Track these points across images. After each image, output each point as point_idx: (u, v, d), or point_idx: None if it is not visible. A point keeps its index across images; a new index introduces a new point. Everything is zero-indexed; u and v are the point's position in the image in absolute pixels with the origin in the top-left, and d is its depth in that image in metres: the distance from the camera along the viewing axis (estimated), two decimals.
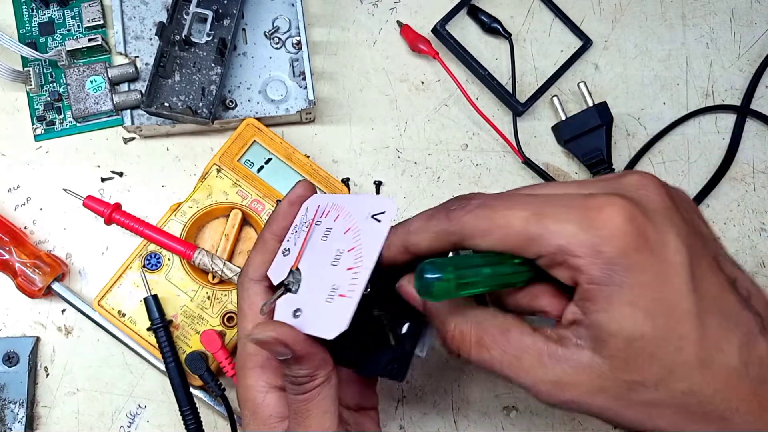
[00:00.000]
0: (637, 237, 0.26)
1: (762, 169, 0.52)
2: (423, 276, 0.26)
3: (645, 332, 0.26)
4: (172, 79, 0.46)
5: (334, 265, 0.31)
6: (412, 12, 0.53)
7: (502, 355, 0.29)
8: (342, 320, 0.29)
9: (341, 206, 0.33)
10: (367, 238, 0.31)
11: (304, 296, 0.32)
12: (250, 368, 0.34)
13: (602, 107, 0.50)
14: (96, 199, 0.46)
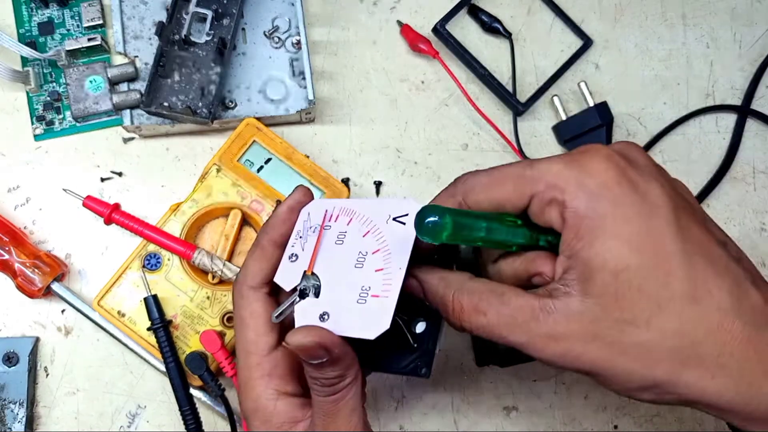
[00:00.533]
0: (620, 174, 0.28)
1: (762, 169, 0.52)
2: (423, 217, 0.27)
3: (630, 264, 0.27)
4: (171, 78, 0.46)
5: (359, 267, 0.32)
6: (412, 12, 0.53)
7: (498, 317, 0.29)
8: (383, 320, 0.30)
9: (352, 210, 0.34)
10: (393, 239, 0.32)
11: (329, 299, 0.32)
12: (257, 378, 0.33)
13: (602, 107, 0.50)
14: (96, 199, 0.46)
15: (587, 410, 0.48)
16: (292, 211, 0.35)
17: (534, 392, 0.48)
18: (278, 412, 0.33)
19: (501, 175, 0.30)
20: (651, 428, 0.48)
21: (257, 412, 0.33)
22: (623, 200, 0.28)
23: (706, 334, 0.27)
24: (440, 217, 0.27)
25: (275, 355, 0.34)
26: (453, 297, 0.30)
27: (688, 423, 0.48)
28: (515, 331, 0.29)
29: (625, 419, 0.48)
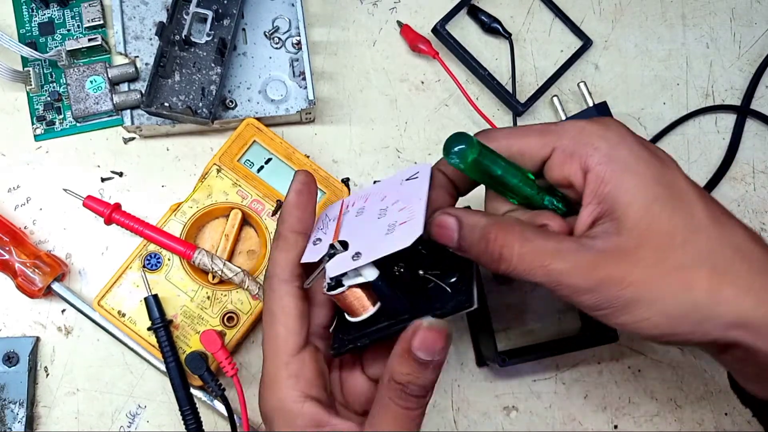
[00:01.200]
0: (633, 134, 0.31)
1: (762, 169, 0.52)
2: (453, 141, 0.30)
3: (658, 195, 0.30)
4: (172, 79, 0.46)
5: (382, 217, 0.33)
6: (412, 12, 0.53)
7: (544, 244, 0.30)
8: (416, 227, 0.30)
9: (367, 192, 0.36)
10: (411, 189, 0.33)
11: (358, 244, 0.32)
12: (284, 378, 0.33)
13: (602, 107, 0.50)
14: (96, 199, 0.46)
15: (587, 410, 0.48)
16: (300, 194, 0.35)
17: (534, 392, 0.48)
18: (304, 413, 0.32)
19: (525, 128, 0.33)
20: (651, 428, 0.48)
21: (281, 412, 0.33)
22: (639, 149, 0.31)
23: (734, 252, 0.30)
24: (468, 143, 0.30)
25: (303, 356, 0.33)
26: (496, 226, 0.31)
27: (688, 423, 0.48)
28: (558, 258, 0.30)
29: (625, 419, 0.48)
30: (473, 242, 0.31)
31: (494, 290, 0.49)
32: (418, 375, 0.30)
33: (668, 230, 0.29)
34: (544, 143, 0.32)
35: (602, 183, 0.30)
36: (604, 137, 0.31)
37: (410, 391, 0.30)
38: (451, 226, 0.32)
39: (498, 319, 0.48)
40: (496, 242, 0.30)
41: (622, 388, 0.49)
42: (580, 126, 0.31)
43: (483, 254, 0.31)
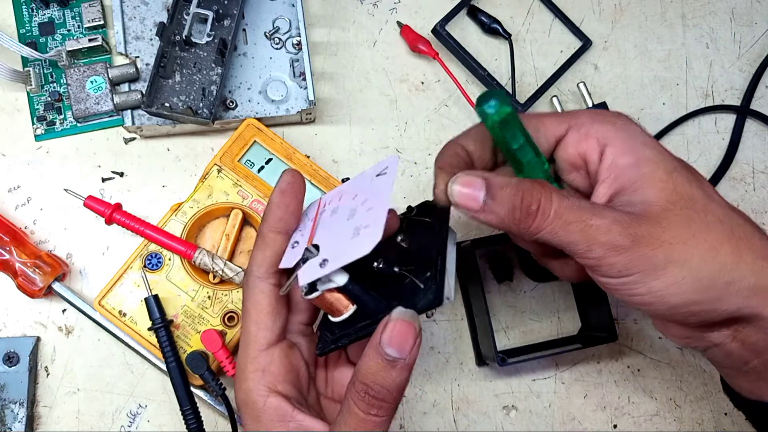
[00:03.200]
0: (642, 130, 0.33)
1: (762, 169, 0.52)
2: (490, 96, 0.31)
3: (676, 165, 0.32)
4: (172, 79, 0.46)
5: (350, 218, 0.33)
6: (412, 12, 0.53)
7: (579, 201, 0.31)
8: (375, 234, 0.29)
9: (343, 190, 0.36)
10: (378, 184, 0.33)
11: (326, 250, 0.33)
12: (251, 371, 0.33)
13: (602, 107, 0.50)
14: (97, 199, 0.46)
15: (587, 410, 0.48)
16: (283, 194, 0.34)
17: (533, 391, 0.48)
18: (267, 409, 0.32)
19: (539, 115, 0.34)
20: (650, 428, 0.48)
21: (247, 406, 0.33)
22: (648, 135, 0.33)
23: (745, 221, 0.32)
24: (502, 105, 0.30)
25: (273, 351, 0.34)
26: (531, 182, 0.31)
27: (688, 423, 0.48)
28: (597, 214, 0.30)
29: (625, 419, 0.48)
30: (504, 199, 0.30)
31: (494, 290, 0.49)
32: (384, 374, 0.29)
33: (690, 196, 0.31)
34: (559, 122, 0.33)
35: (621, 156, 0.31)
36: (618, 117, 0.33)
37: (374, 393, 0.29)
38: (476, 184, 0.31)
39: (498, 319, 0.48)
40: (533, 196, 0.30)
41: (621, 387, 0.49)
42: (593, 111, 0.34)
43: (516, 210, 0.30)
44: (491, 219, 0.31)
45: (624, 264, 0.30)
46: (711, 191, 0.32)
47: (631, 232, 0.30)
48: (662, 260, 0.30)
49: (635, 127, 0.33)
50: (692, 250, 0.30)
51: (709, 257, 0.30)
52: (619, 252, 0.30)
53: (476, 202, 0.31)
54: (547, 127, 0.33)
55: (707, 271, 0.30)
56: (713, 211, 0.31)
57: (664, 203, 0.30)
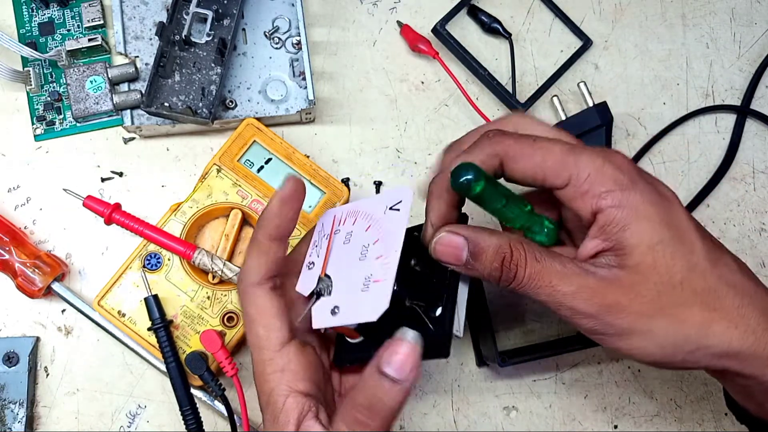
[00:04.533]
0: (639, 172, 0.33)
1: (762, 169, 0.52)
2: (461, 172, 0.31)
3: (663, 237, 0.32)
4: (172, 79, 0.46)
5: (362, 259, 0.33)
6: (412, 12, 0.53)
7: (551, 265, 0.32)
8: (382, 301, 0.31)
9: (357, 211, 0.36)
10: (389, 226, 0.33)
11: (338, 295, 0.34)
12: (269, 373, 0.33)
13: (602, 107, 0.50)
14: (96, 199, 0.45)
15: (587, 410, 0.48)
16: (283, 203, 0.34)
17: (534, 392, 0.48)
18: (285, 410, 0.32)
19: (545, 152, 0.33)
20: (651, 428, 0.48)
21: (268, 407, 0.33)
22: (647, 191, 0.32)
23: (727, 288, 0.32)
24: (476, 178, 0.30)
25: (288, 351, 0.34)
26: (509, 245, 0.32)
27: (688, 423, 0.48)
28: (564, 280, 0.31)
29: (625, 419, 0.48)
30: (486, 261, 0.32)
31: (494, 290, 0.49)
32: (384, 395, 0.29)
33: (668, 270, 0.31)
34: (560, 174, 0.32)
35: (612, 225, 0.32)
36: (618, 181, 0.32)
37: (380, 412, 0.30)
38: (458, 245, 0.32)
39: (498, 319, 0.48)
40: (512, 259, 0.32)
41: (622, 388, 0.49)
42: (597, 165, 0.32)
43: (495, 271, 0.32)
44: (473, 274, 0.33)
45: (591, 326, 0.32)
46: (698, 259, 0.32)
47: (597, 301, 0.31)
48: (626, 328, 0.31)
49: (635, 190, 0.32)
50: (658, 323, 0.31)
51: (673, 330, 0.31)
52: (584, 317, 0.32)
53: (459, 260, 0.33)
54: (545, 174, 0.33)
55: (670, 341, 0.32)
56: (691, 284, 0.32)
57: (639, 275, 0.31)
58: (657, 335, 0.31)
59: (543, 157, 0.33)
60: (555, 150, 0.33)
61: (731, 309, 0.32)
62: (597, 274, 0.32)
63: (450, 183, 0.31)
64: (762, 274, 0.51)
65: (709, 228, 0.51)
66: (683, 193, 0.51)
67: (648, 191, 0.32)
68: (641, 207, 0.32)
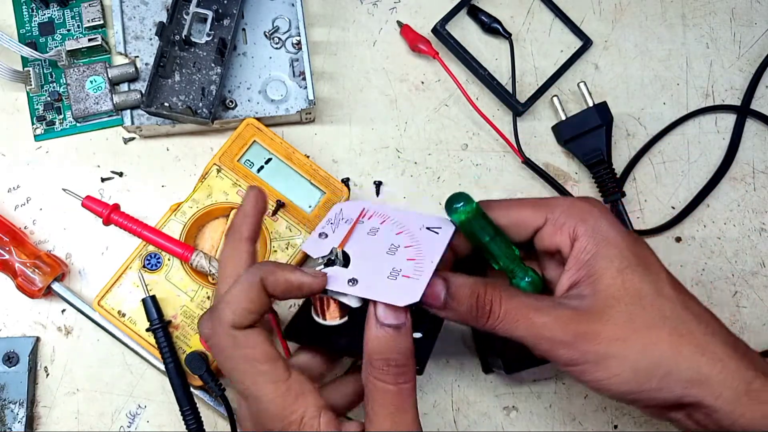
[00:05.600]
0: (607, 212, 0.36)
1: (762, 169, 0.52)
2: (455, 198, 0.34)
3: (631, 263, 0.34)
4: (172, 79, 0.46)
5: (391, 254, 0.35)
6: (412, 12, 0.53)
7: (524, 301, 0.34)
8: (415, 293, 0.32)
9: (386, 215, 0.38)
10: (428, 241, 0.36)
11: (358, 270, 0.35)
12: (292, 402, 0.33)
13: (602, 107, 0.50)
14: (95, 200, 0.45)
15: (587, 410, 0.48)
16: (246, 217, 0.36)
17: (534, 392, 0.48)
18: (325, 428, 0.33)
19: (521, 200, 0.37)
20: (651, 428, 0.48)
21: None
22: (617, 226, 0.35)
23: (693, 317, 0.34)
24: (466, 205, 0.34)
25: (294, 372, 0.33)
26: (484, 284, 0.34)
27: None
28: (539, 312, 0.33)
29: (625, 419, 0.48)
30: (463, 299, 0.34)
31: None
32: (395, 343, 0.32)
33: (637, 293, 0.33)
34: (537, 215, 0.36)
35: (584, 251, 0.34)
36: (590, 212, 0.35)
37: (396, 362, 0.32)
38: (438, 285, 0.34)
39: None
40: (486, 297, 0.33)
41: None
42: (569, 202, 0.36)
43: (472, 309, 0.33)
44: (452, 316, 0.34)
45: (569, 356, 0.33)
46: (663, 286, 0.34)
47: (572, 329, 0.33)
48: (602, 355, 0.32)
49: (605, 221, 0.35)
50: (631, 346, 0.32)
51: (645, 353, 0.32)
52: (561, 346, 0.33)
53: (438, 300, 0.34)
54: (526, 219, 0.36)
55: (644, 365, 0.32)
56: (659, 307, 0.33)
57: (610, 300, 0.33)
58: (631, 359, 0.32)
59: (520, 205, 0.36)
60: (529, 200, 0.37)
61: (698, 335, 0.33)
62: (570, 305, 0.34)
63: (445, 208, 0.34)
64: (762, 274, 0.51)
65: (708, 228, 0.51)
66: (683, 193, 0.51)
67: (617, 226, 0.35)
68: (611, 236, 0.34)
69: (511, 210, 0.36)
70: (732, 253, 0.51)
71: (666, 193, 0.52)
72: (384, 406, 0.32)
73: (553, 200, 0.36)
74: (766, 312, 0.50)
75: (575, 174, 0.51)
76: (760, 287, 0.50)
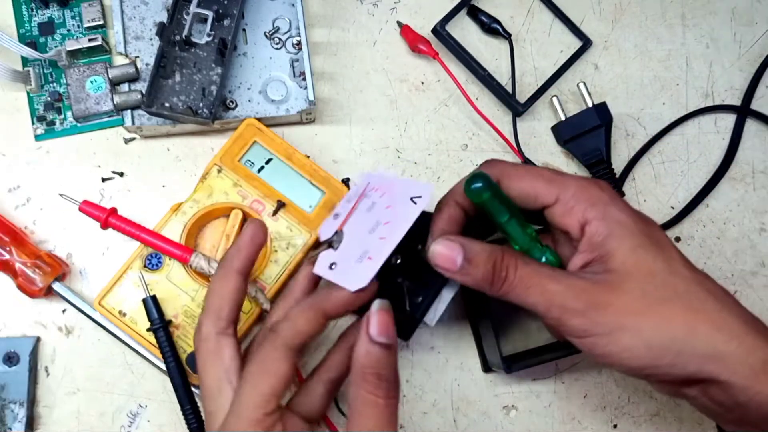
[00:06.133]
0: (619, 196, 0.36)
1: (762, 169, 0.52)
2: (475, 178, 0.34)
3: (643, 242, 0.34)
4: (172, 79, 0.46)
5: (371, 233, 0.36)
6: (412, 12, 0.53)
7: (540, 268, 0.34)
8: (364, 278, 0.34)
9: (388, 185, 0.39)
10: (401, 215, 0.36)
11: (341, 254, 0.37)
12: None
13: (602, 107, 0.50)
14: (92, 204, 0.45)
15: (586, 410, 0.48)
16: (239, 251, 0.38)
17: (533, 392, 0.48)
18: None
19: (536, 172, 0.37)
20: (650, 428, 0.48)
21: None
22: (626, 209, 0.35)
23: (707, 294, 0.34)
24: (484, 186, 0.34)
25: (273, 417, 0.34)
26: (501, 250, 0.35)
27: (688, 423, 0.48)
28: (553, 280, 0.34)
29: (625, 419, 0.48)
30: (480, 264, 0.34)
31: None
32: (386, 360, 0.33)
33: (650, 270, 0.33)
34: (550, 191, 0.36)
35: (596, 235, 0.34)
36: (600, 198, 0.35)
37: (386, 377, 0.33)
38: (454, 250, 0.35)
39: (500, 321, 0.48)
40: (503, 263, 0.34)
41: (621, 387, 0.49)
42: (580, 184, 0.36)
43: (488, 275, 0.34)
44: (467, 280, 0.35)
45: (580, 326, 0.33)
46: (676, 265, 0.34)
47: (584, 298, 0.33)
48: (614, 326, 0.33)
49: (615, 205, 0.35)
50: (644, 321, 0.33)
51: (660, 328, 0.32)
52: (573, 315, 0.33)
53: (454, 264, 0.34)
54: (538, 194, 0.36)
55: (658, 341, 0.32)
56: (673, 285, 0.33)
57: (623, 276, 0.33)
58: (645, 334, 0.32)
59: (534, 177, 0.36)
60: (544, 173, 0.36)
61: (713, 312, 0.33)
62: (584, 277, 0.34)
63: (463, 189, 0.34)
64: (762, 274, 0.51)
65: (708, 228, 0.51)
66: (683, 193, 0.52)
67: (627, 209, 0.35)
68: (622, 218, 0.35)
69: (523, 182, 0.36)
70: (731, 253, 0.51)
71: (665, 193, 0.52)
72: (374, 418, 0.32)
73: (566, 179, 0.36)
74: (766, 312, 0.50)
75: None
76: (760, 287, 0.51)
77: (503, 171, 0.37)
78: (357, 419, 0.32)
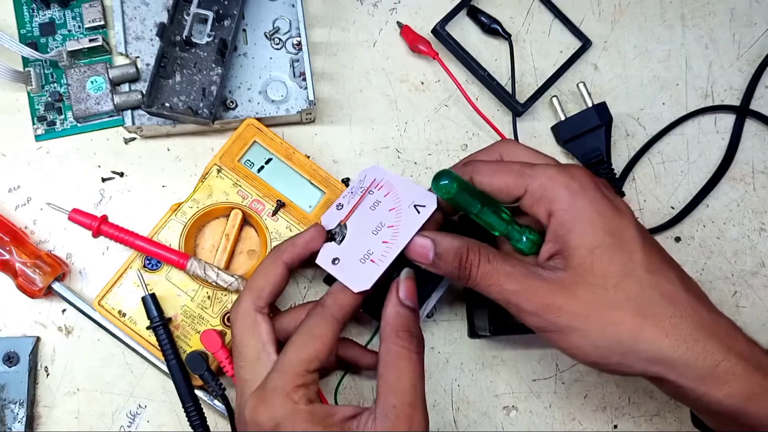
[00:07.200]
0: (595, 183, 0.36)
1: (761, 169, 0.52)
2: (440, 176, 0.35)
3: (602, 243, 0.34)
4: (172, 79, 0.46)
5: (375, 234, 0.38)
6: (412, 12, 0.53)
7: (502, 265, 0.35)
8: (367, 281, 0.37)
9: (393, 186, 0.40)
10: (405, 222, 0.37)
11: (344, 250, 0.39)
12: None
13: (601, 107, 0.50)
14: (82, 212, 0.44)
15: (587, 410, 0.48)
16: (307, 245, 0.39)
17: (533, 391, 0.48)
18: None
19: (506, 167, 0.37)
20: (651, 428, 0.48)
21: None
22: (597, 200, 0.35)
23: (661, 297, 0.34)
24: (450, 182, 0.35)
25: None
26: (467, 247, 0.36)
27: (688, 423, 0.48)
28: (510, 280, 0.35)
29: (625, 419, 0.48)
30: (448, 260, 0.36)
31: None
32: (413, 320, 0.36)
33: (604, 273, 0.34)
34: (518, 184, 0.36)
35: (560, 227, 0.35)
36: (568, 187, 0.35)
37: (416, 333, 0.36)
38: (427, 246, 0.36)
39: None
40: (467, 260, 0.35)
41: (621, 387, 0.49)
42: (549, 173, 0.36)
43: (455, 270, 0.36)
44: (440, 273, 0.37)
45: (534, 324, 0.35)
46: (634, 266, 0.34)
47: (537, 301, 0.34)
48: (565, 326, 0.34)
49: (583, 196, 0.35)
50: (593, 323, 0.34)
51: (606, 332, 0.34)
52: (528, 314, 0.35)
53: (427, 258, 0.36)
54: (508, 187, 0.37)
55: (604, 342, 0.34)
56: (625, 288, 0.34)
57: (577, 278, 0.34)
58: (591, 335, 0.34)
59: (506, 172, 0.37)
60: (514, 166, 0.37)
61: (663, 317, 0.34)
62: (542, 276, 0.35)
63: (432, 186, 0.35)
64: (762, 274, 0.51)
65: (708, 228, 0.51)
66: (683, 193, 0.52)
67: (598, 200, 0.35)
68: (586, 212, 0.35)
69: (494, 177, 0.37)
70: (731, 253, 0.51)
71: (665, 193, 0.52)
72: (407, 369, 0.35)
73: (536, 170, 0.36)
74: (766, 312, 0.50)
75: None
76: (760, 287, 0.51)
77: (475, 168, 0.38)
78: (391, 372, 0.35)
